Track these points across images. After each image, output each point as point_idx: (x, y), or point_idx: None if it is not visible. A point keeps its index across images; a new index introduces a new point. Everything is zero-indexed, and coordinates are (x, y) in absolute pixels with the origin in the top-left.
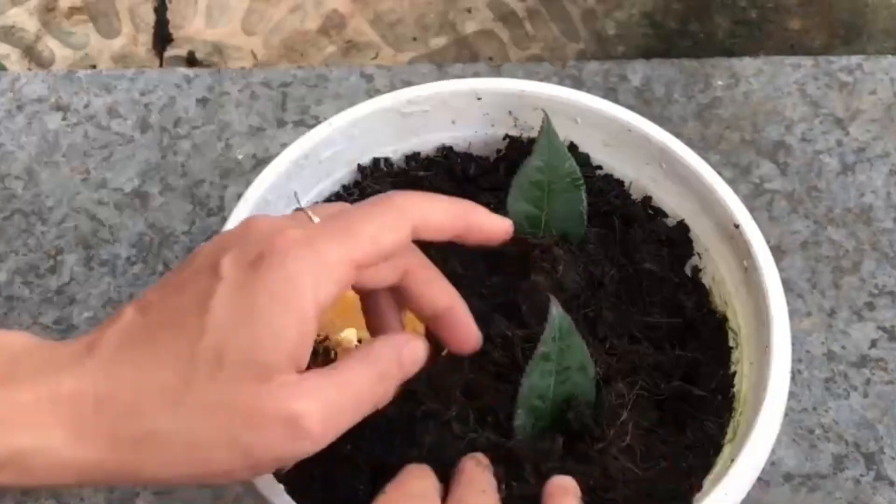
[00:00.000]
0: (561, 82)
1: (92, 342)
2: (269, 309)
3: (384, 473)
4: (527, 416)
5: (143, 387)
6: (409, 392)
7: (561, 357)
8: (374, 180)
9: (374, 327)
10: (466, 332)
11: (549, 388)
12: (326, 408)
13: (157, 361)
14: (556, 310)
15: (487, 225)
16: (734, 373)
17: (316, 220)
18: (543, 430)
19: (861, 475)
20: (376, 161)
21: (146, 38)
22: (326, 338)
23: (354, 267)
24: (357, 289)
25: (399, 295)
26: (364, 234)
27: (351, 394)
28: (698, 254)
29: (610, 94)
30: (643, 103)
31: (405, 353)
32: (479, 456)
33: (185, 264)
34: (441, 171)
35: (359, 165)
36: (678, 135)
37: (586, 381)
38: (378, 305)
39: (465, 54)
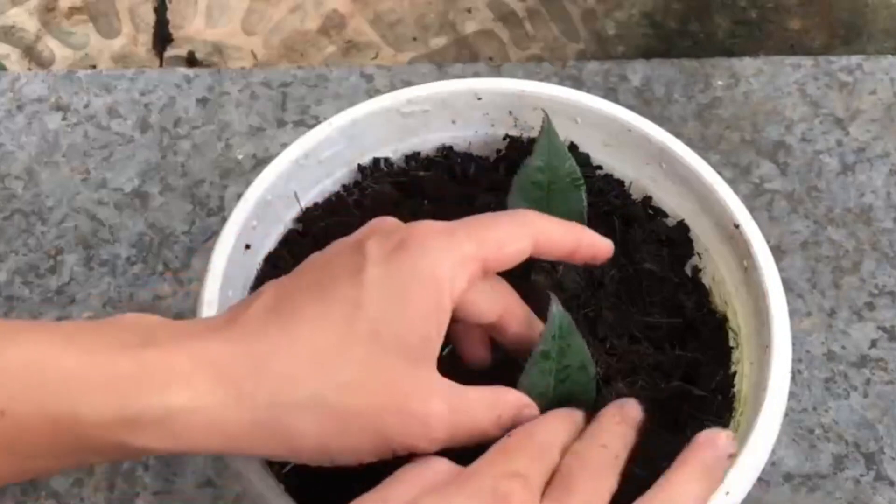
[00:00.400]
0: (561, 82)
1: (232, 317)
2: (417, 292)
3: (384, 474)
4: None
5: (301, 353)
6: None
7: (561, 356)
8: (374, 180)
9: (466, 355)
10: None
11: (549, 386)
12: (454, 419)
13: (312, 330)
14: (556, 307)
15: (597, 245)
16: (734, 373)
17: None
18: None
19: (861, 475)
20: (376, 161)
21: (146, 38)
22: None
23: (483, 266)
24: (458, 318)
25: (491, 331)
26: (493, 237)
27: (474, 418)
28: (698, 254)
29: (610, 94)
30: (643, 103)
31: (521, 415)
32: (628, 404)
33: (318, 255)
34: (441, 171)
35: (359, 165)
36: (678, 135)
37: (587, 381)
38: (474, 337)
39: (465, 54)
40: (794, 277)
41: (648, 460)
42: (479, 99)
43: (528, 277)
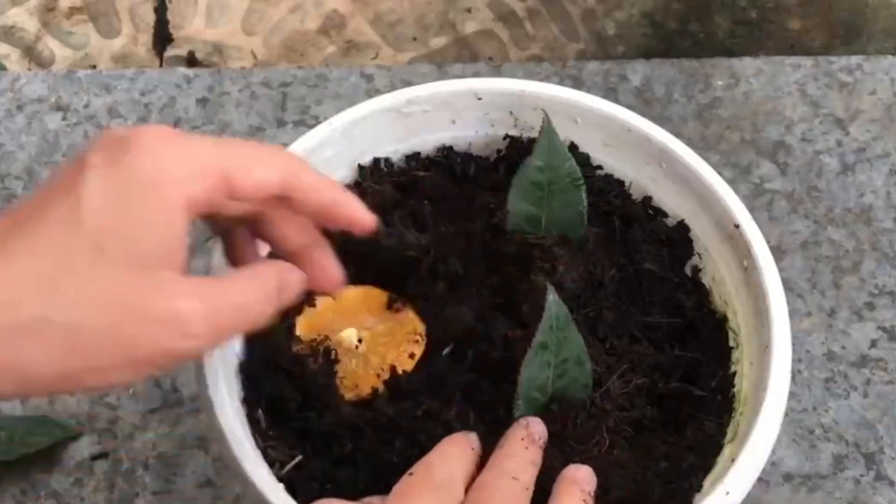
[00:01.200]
0: (561, 82)
1: None
2: (139, 196)
3: (384, 473)
4: (526, 408)
5: (21, 277)
6: (409, 392)
7: (559, 348)
8: (374, 180)
9: (234, 259)
10: (324, 273)
11: (548, 380)
12: (211, 310)
13: (33, 252)
14: (552, 297)
15: (355, 212)
16: (734, 373)
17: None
18: None
19: (861, 475)
20: (376, 161)
21: (146, 38)
22: (327, 338)
23: (225, 182)
24: (213, 217)
25: (257, 230)
26: (240, 153)
27: (235, 302)
28: (698, 254)
29: (610, 94)
30: (643, 103)
31: (286, 278)
32: (533, 423)
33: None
34: (441, 171)
35: (359, 165)
36: (678, 135)
37: (584, 376)
38: (236, 238)
39: (465, 54)
40: (794, 277)
41: (649, 460)
42: (479, 99)
43: (527, 277)
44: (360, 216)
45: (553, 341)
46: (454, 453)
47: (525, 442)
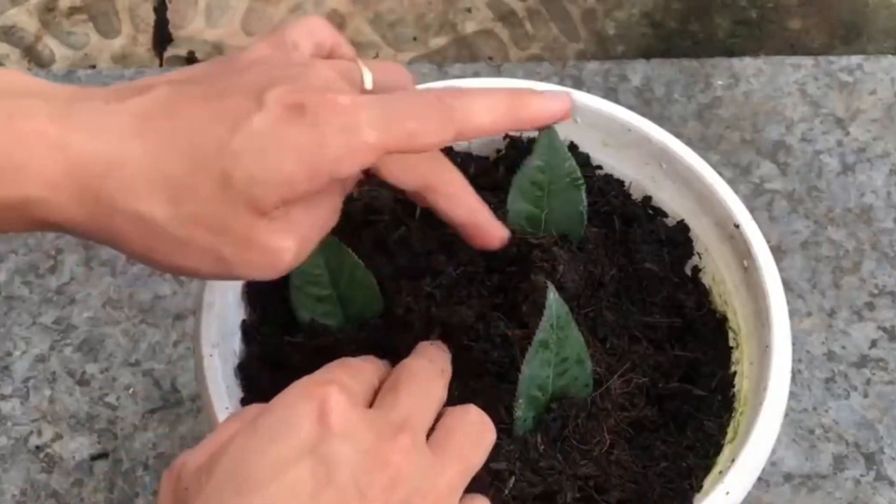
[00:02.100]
0: (561, 82)
1: (113, 96)
2: (290, 157)
3: None
4: (526, 407)
5: (152, 172)
6: None
7: (559, 347)
8: (374, 181)
9: None
10: (488, 237)
11: (549, 379)
12: (302, 241)
13: (172, 152)
14: (552, 295)
15: (539, 116)
16: (734, 372)
17: (368, 83)
18: (540, 424)
19: (861, 475)
20: None
21: (146, 38)
22: None
23: (383, 152)
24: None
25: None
26: (406, 129)
27: (320, 224)
28: (698, 254)
29: (610, 94)
30: (643, 103)
31: (347, 184)
32: (437, 342)
33: (237, 65)
34: None
35: None
36: (678, 135)
37: (584, 375)
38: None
39: (465, 54)
40: (794, 277)
41: (648, 460)
42: None
43: (527, 277)
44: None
45: (553, 340)
46: (366, 360)
47: (435, 345)
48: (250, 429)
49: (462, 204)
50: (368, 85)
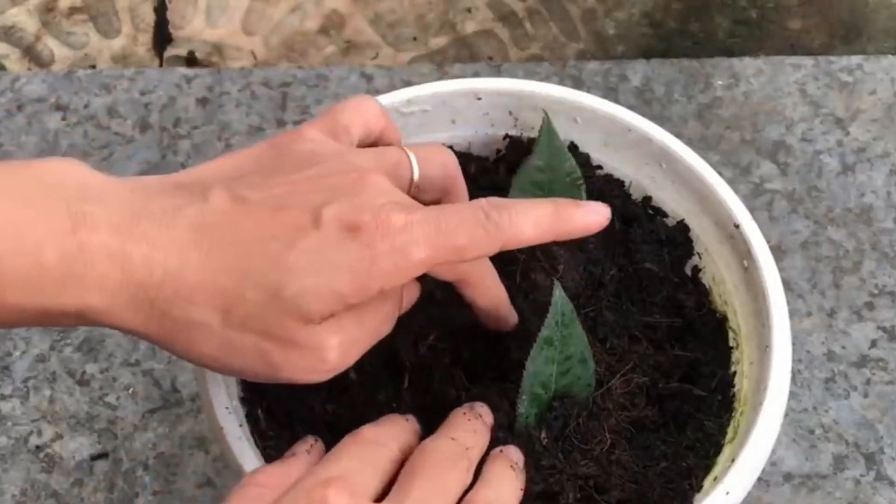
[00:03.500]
0: (561, 82)
1: (176, 206)
2: (341, 275)
3: None
4: (529, 404)
5: (206, 281)
6: (408, 390)
7: (563, 344)
8: None
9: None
10: (503, 325)
11: (552, 377)
12: (347, 343)
13: (226, 265)
14: (558, 293)
15: (581, 228)
16: (734, 372)
17: (416, 174)
18: (542, 421)
19: (861, 475)
20: None
21: (146, 38)
22: None
23: (432, 265)
24: None
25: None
26: (453, 243)
27: (368, 329)
28: (698, 254)
29: (610, 94)
30: (643, 103)
31: (406, 294)
32: (476, 405)
33: (292, 157)
34: None
35: None
36: (678, 135)
37: (587, 375)
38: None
39: (465, 54)
40: (794, 277)
41: (648, 460)
42: (479, 99)
43: (528, 276)
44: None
45: (558, 337)
46: (389, 424)
47: (468, 416)
48: None
49: (490, 297)
50: (416, 177)
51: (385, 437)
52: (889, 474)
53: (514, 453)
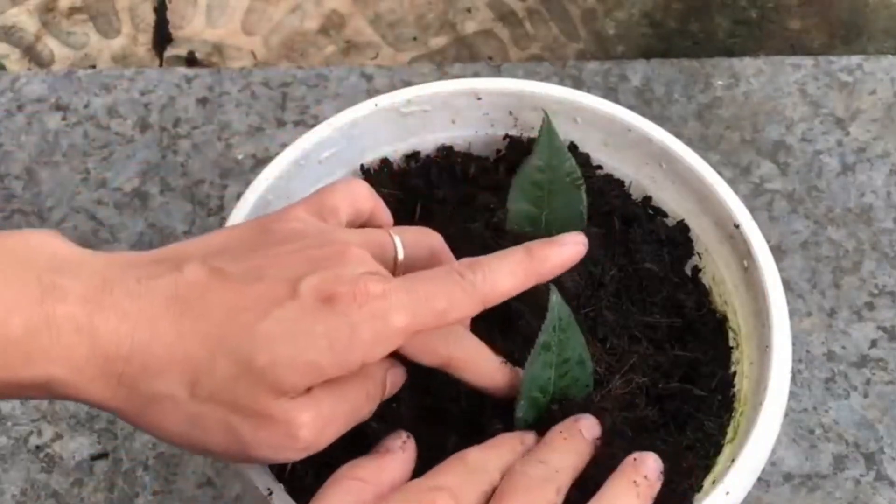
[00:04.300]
0: (561, 82)
1: (150, 276)
2: (318, 345)
3: None
4: (528, 408)
5: (175, 353)
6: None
7: (561, 348)
8: (373, 180)
9: None
10: (504, 393)
11: (550, 381)
12: (322, 420)
13: (196, 335)
14: (555, 297)
15: (558, 264)
16: (734, 372)
17: (401, 254)
18: (541, 425)
19: (861, 475)
20: (376, 161)
21: (146, 38)
22: None
23: (413, 333)
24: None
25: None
26: (434, 309)
27: (346, 408)
28: (698, 254)
29: (610, 94)
30: (643, 103)
31: (389, 376)
32: (583, 419)
33: (276, 235)
34: (441, 171)
35: (360, 165)
36: (678, 135)
37: (585, 376)
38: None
39: (465, 54)
40: (794, 277)
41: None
42: (479, 99)
43: None
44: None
45: (555, 341)
46: (494, 445)
47: (564, 434)
48: None
49: (482, 375)
50: (401, 256)
51: (490, 462)
52: (889, 474)
53: (648, 464)
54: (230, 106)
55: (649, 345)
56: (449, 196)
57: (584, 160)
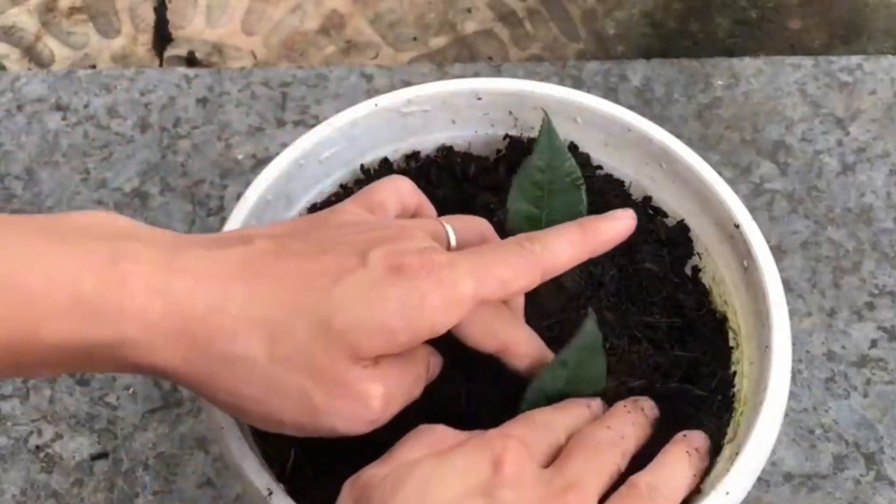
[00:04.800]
0: (561, 82)
1: (214, 243)
2: (391, 305)
3: None
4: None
5: (250, 315)
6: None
7: (578, 367)
8: (374, 181)
9: None
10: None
11: (558, 390)
12: (389, 394)
13: (272, 297)
14: (591, 324)
15: (611, 238)
16: (734, 372)
17: (453, 241)
18: None
19: (861, 475)
20: (376, 161)
21: (146, 38)
22: None
23: (479, 301)
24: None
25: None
26: (498, 277)
27: (406, 386)
28: (698, 254)
29: (610, 94)
30: (643, 103)
31: (431, 362)
32: (643, 399)
33: (331, 224)
34: (441, 171)
35: (360, 166)
36: (678, 135)
37: (594, 387)
38: None
39: (465, 54)
40: (794, 277)
41: (649, 460)
42: (479, 99)
43: None
44: (620, 233)
45: (574, 361)
46: (562, 407)
47: (628, 408)
48: (438, 461)
49: (530, 361)
50: (454, 242)
51: (557, 421)
52: (889, 474)
53: (697, 439)
54: (230, 106)
55: (649, 345)
56: (449, 196)
57: (584, 160)
